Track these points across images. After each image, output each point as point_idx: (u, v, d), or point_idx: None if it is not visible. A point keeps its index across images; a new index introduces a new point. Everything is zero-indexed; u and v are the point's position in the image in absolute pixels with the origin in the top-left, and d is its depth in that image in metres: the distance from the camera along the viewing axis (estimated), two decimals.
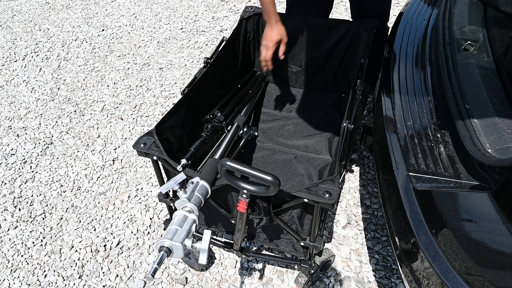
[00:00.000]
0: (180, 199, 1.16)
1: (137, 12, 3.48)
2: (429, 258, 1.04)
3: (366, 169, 2.07)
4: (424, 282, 1.08)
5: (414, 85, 1.45)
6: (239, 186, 1.15)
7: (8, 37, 3.23)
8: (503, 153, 1.08)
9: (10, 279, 1.70)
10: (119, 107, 2.53)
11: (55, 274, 1.71)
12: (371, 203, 1.91)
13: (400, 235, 1.17)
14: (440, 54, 1.44)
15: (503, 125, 1.16)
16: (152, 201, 1.97)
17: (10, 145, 2.31)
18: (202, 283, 1.65)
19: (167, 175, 1.48)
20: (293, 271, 1.67)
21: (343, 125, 1.42)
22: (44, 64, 2.93)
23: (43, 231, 1.87)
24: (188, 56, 2.93)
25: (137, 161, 2.17)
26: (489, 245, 0.96)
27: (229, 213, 1.41)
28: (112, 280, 1.68)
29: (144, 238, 1.82)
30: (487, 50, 1.42)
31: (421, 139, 1.26)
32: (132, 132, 2.36)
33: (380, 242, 1.76)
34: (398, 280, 1.63)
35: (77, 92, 2.67)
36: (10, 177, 2.13)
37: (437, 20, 1.65)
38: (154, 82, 2.71)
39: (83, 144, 2.29)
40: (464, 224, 1.02)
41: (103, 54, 3.00)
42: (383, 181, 1.33)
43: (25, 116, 2.50)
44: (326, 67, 2.04)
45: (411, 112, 1.35)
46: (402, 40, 1.67)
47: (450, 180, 1.12)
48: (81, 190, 2.04)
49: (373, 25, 1.82)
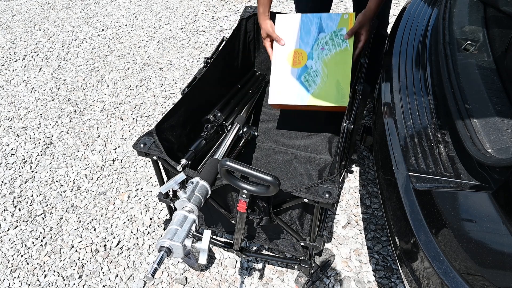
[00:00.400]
0: (180, 199, 1.16)
1: (137, 12, 3.48)
2: (429, 258, 1.04)
3: (366, 169, 2.07)
4: (424, 282, 1.08)
5: (414, 85, 1.45)
6: (239, 186, 1.15)
7: (8, 37, 3.23)
8: (503, 153, 1.08)
9: (10, 279, 1.70)
10: (119, 107, 2.53)
11: (55, 274, 1.71)
12: (371, 203, 1.91)
13: (400, 235, 1.17)
14: (440, 54, 1.44)
15: (503, 125, 1.16)
16: (152, 201, 1.97)
17: (10, 145, 2.31)
18: (202, 283, 1.65)
19: (167, 175, 1.48)
20: (293, 271, 1.67)
21: (343, 125, 1.42)
22: (44, 64, 2.93)
23: (43, 231, 1.87)
24: (188, 56, 2.93)
25: (137, 161, 2.17)
26: (489, 245, 0.96)
27: (229, 213, 1.41)
28: (112, 280, 1.68)
29: (144, 238, 1.82)
30: (487, 50, 1.42)
31: (421, 139, 1.26)
32: (132, 132, 2.36)
33: (380, 242, 1.76)
34: (398, 280, 1.63)
35: (77, 92, 2.67)
36: (10, 177, 2.13)
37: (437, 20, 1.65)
38: (154, 82, 2.71)
39: (83, 144, 2.29)
40: (464, 224, 1.02)
41: (103, 54, 3.00)
42: (383, 181, 1.33)
43: (25, 116, 2.50)
44: None
45: (411, 112, 1.35)
46: (402, 40, 1.67)
47: (450, 180, 1.12)
48: (81, 190, 2.04)
49: (373, 25, 1.82)
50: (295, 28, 1.65)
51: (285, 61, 1.64)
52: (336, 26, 1.61)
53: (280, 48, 1.67)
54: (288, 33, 1.66)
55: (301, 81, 1.59)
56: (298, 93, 1.58)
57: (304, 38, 1.63)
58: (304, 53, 1.62)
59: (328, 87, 1.55)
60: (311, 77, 1.58)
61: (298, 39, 1.63)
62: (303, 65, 1.60)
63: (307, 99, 1.56)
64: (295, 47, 1.63)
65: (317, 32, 1.62)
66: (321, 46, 1.60)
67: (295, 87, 1.59)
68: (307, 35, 1.62)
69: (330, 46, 1.59)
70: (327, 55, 1.59)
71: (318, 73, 1.58)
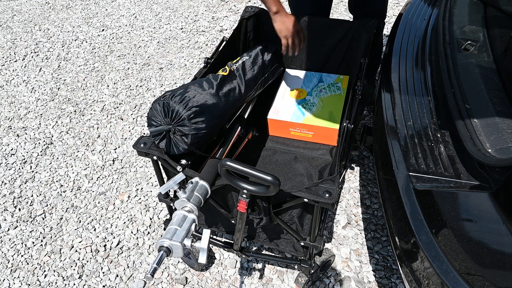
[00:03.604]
0: (180, 199, 1.16)
1: (137, 12, 3.48)
2: (429, 258, 1.04)
3: (366, 169, 2.07)
4: (424, 282, 1.08)
5: (414, 85, 1.45)
6: (239, 186, 1.15)
7: (8, 37, 3.23)
8: (503, 153, 1.08)
9: (10, 279, 1.70)
10: (119, 107, 2.53)
11: (55, 274, 1.71)
12: (371, 203, 1.91)
13: (400, 235, 1.17)
14: (440, 54, 1.44)
15: (503, 125, 1.16)
16: (152, 201, 1.97)
17: (10, 145, 2.31)
18: (202, 283, 1.65)
19: (167, 175, 1.48)
20: (293, 271, 1.67)
21: (343, 125, 1.42)
22: (44, 64, 2.93)
23: (43, 231, 1.87)
24: (188, 56, 2.93)
25: (137, 161, 2.17)
26: (489, 245, 0.96)
27: (229, 213, 1.41)
28: (112, 280, 1.68)
29: (144, 238, 1.82)
30: (487, 50, 1.42)
31: (421, 139, 1.25)
32: (132, 132, 2.36)
33: (380, 242, 1.76)
34: (398, 280, 1.63)
35: (77, 92, 2.67)
36: (10, 177, 2.13)
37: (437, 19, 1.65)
38: (154, 82, 2.71)
39: (83, 144, 2.29)
40: (464, 224, 1.02)
41: (103, 54, 3.00)
42: (383, 181, 1.33)
43: (25, 116, 2.50)
44: (326, 67, 2.04)
45: (411, 112, 1.35)
46: (402, 40, 1.67)
47: (450, 180, 1.12)
48: (81, 190, 2.04)
49: (373, 25, 1.82)
50: (300, 77, 2.01)
51: (288, 93, 1.93)
52: (333, 80, 1.97)
53: (286, 85, 1.97)
54: (293, 80, 1.99)
55: (299, 107, 1.85)
56: (295, 113, 1.82)
57: (306, 83, 1.97)
58: (305, 91, 1.93)
59: (322, 114, 1.81)
60: (308, 106, 1.86)
61: (301, 83, 1.98)
62: (303, 98, 1.89)
63: (302, 119, 1.79)
64: (299, 87, 1.96)
65: (317, 82, 1.97)
66: (320, 89, 1.93)
67: (293, 109, 1.85)
68: (309, 82, 1.97)
69: (327, 91, 1.93)
70: (323, 95, 1.91)
71: (314, 104, 1.86)
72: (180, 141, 1.31)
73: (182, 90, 1.34)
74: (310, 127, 1.78)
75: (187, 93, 1.33)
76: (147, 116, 1.32)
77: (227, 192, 1.33)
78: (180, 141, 1.31)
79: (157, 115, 1.30)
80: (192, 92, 1.35)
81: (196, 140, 1.33)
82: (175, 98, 1.29)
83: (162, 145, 1.32)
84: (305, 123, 1.77)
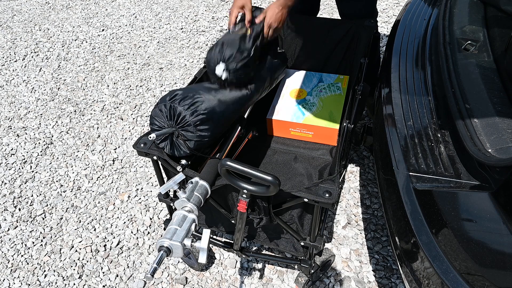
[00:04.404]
0: (180, 199, 1.16)
1: (137, 12, 3.48)
2: (429, 258, 1.04)
3: (366, 169, 2.07)
4: (424, 282, 1.08)
5: (414, 84, 1.45)
6: (239, 186, 1.15)
7: (8, 37, 3.23)
8: (503, 153, 1.08)
9: (10, 279, 1.70)
10: (119, 107, 2.53)
11: (55, 274, 1.71)
12: (371, 203, 1.91)
13: (400, 235, 1.17)
14: (440, 54, 1.44)
15: (504, 125, 1.16)
16: (152, 201, 1.97)
17: (10, 145, 2.31)
18: (202, 283, 1.65)
19: (167, 175, 1.48)
20: (293, 271, 1.67)
21: (343, 125, 1.42)
22: (44, 64, 2.93)
23: (43, 231, 1.87)
24: (188, 56, 2.93)
25: (137, 161, 2.17)
26: (490, 245, 0.96)
27: (229, 213, 1.41)
28: (112, 280, 1.68)
29: (144, 238, 1.82)
30: (487, 50, 1.42)
31: (421, 138, 1.25)
32: (132, 132, 2.36)
33: (380, 242, 1.76)
34: (398, 280, 1.63)
35: (77, 92, 2.67)
36: (10, 177, 2.13)
37: (437, 19, 1.65)
38: (154, 82, 2.71)
39: (83, 144, 2.29)
40: (464, 224, 1.02)
41: (103, 54, 3.00)
42: (383, 181, 1.33)
43: (25, 116, 2.50)
44: (326, 67, 2.04)
45: (411, 112, 1.35)
46: (402, 40, 1.67)
47: (451, 180, 1.12)
48: (81, 190, 2.04)
49: (373, 25, 1.82)
50: (300, 77, 1.99)
51: (288, 93, 1.91)
52: (333, 80, 1.96)
53: (286, 85, 1.96)
54: (294, 80, 1.98)
55: (299, 107, 1.84)
56: (295, 113, 1.82)
57: (306, 83, 1.96)
58: (305, 91, 1.92)
59: (322, 114, 1.80)
60: (308, 106, 1.84)
61: (302, 83, 1.96)
62: (303, 98, 1.88)
63: (302, 119, 1.79)
64: (298, 87, 1.94)
65: (317, 82, 1.96)
66: (320, 89, 1.92)
67: (293, 109, 1.84)
68: (309, 82, 1.96)
69: (327, 91, 1.91)
70: (323, 95, 1.89)
71: (314, 104, 1.85)
72: (182, 145, 1.31)
73: (192, 94, 1.33)
74: (310, 127, 1.78)
75: (197, 99, 1.32)
76: (150, 115, 1.32)
77: (227, 192, 1.33)
78: (183, 145, 1.31)
79: (161, 116, 1.30)
80: (201, 98, 1.34)
81: (199, 146, 1.33)
82: (183, 102, 1.28)
83: (162, 145, 1.32)
84: (305, 123, 1.77)
